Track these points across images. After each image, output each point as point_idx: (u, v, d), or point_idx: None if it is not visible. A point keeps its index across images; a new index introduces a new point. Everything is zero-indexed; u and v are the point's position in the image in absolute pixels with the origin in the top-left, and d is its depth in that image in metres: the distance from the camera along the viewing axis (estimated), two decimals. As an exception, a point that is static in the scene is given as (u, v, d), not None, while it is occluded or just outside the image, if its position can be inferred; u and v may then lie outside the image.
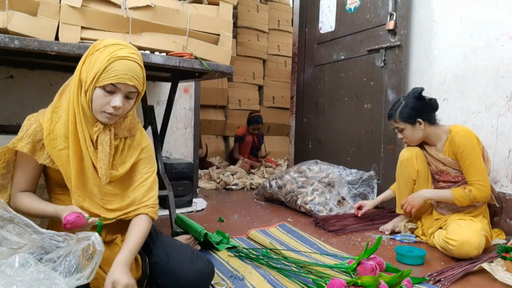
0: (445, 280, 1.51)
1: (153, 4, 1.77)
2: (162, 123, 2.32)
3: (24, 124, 1.19)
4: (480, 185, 1.86)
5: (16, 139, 1.16)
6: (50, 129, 1.17)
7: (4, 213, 1.02)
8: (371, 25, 2.94)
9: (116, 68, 1.12)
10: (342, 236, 2.14)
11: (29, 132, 1.17)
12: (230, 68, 2.01)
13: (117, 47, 1.15)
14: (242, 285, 1.40)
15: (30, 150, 1.16)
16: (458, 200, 1.88)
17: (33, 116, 1.20)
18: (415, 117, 1.96)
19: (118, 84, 1.13)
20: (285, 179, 2.84)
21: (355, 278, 1.25)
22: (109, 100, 1.14)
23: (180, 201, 2.54)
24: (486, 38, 2.28)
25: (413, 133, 1.99)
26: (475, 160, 1.87)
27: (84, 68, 1.16)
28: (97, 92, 1.14)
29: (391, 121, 2.06)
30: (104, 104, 1.14)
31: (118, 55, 1.13)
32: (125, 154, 1.27)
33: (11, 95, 2.33)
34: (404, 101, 2.00)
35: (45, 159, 1.18)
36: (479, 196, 1.86)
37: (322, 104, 3.48)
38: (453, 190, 1.91)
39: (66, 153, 1.17)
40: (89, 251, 0.95)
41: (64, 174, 1.18)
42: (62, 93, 1.22)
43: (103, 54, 1.13)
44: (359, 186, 2.81)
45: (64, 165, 1.17)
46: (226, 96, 5.13)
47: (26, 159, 1.19)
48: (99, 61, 1.13)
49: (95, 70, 1.12)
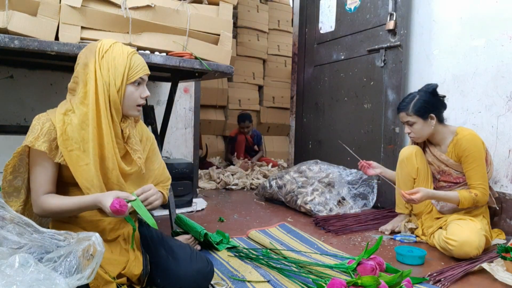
0: (445, 280, 1.51)
1: (153, 4, 1.77)
2: (162, 123, 2.32)
3: (36, 124, 1.17)
4: (484, 189, 1.88)
5: (32, 138, 1.14)
6: (63, 130, 1.17)
7: (4, 213, 1.02)
8: (371, 25, 2.94)
9: (137, 62, 1.22)
10: (342, 236, 2.14)
11: (44, 131, 1.16)
12: (230, 68, 2.01)
13: (120, 45, 1.23)
14: (242, 285, 1.40)
15: (48, 148, 1.15)
16: (464, 202, 1.87)
17: (43, 116, 1.19)
18: (428, 111, 1.94)
19: (144, 75, 1.24)
20: (285, 179, 2.84)
21: (355, 278, 1.25)
22: (139, 93, 1.25)
23: (180, 201, 2.54)
24: (486, 38, 2.28)
25: (423, 128, 1.96)
26: (480, 165, 1.88)
27: (103, 71, 1.18)
28: (129, 88, 1.22)
29: (401, 114, 1.99)
30: (136, 97, 1.24)
31: (129, 51, 1.22)
32: None
33: (11, 95, 2.33)
34: (418, 95, 1.97)
35: (60, 157, 1.17)
36: (482, 200, 1.89)
37: (322, 104, 3.48)
38: (461, 192, 1.88)
39: (76, 155, 1.17)
40: (89, 251, 0.95)
41: (74, 173, 1.17)
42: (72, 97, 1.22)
43: (117, 53, 1.20)
44: (359, 186, 2.82)
45: (74, 165, 1.18)
46: (226, 96, 5.13)
47: (44, 159, 1.17)
48: (118, 60, 1.19)
49: (121, 69, 1.19)
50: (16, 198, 1.21)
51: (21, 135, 1.47)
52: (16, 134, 1.96)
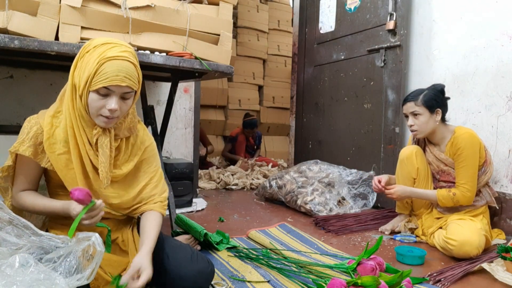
0: (445, 280, 1.51)
1: (153, 4, 1.77)
2: (162, 123, 2.32)
3: (25, 127, 1.17)
4: (465, 189, 1.88)
5: (17, 142, 1.16)
6: (50, 133, 1.16)
7: (3, 215, 1.02)
8: (371, 25, 2.94)
9: (107, 70, 1.08)
10: (342, 236, 2.14)
11: (30, 135, 1.16)
12: (230, 68, 2.01)
13: (106, 47, 1.11)
14: (242, 285, 1.40)
15: (33, 153, 1.15)
16: (441, 201, 1.93)
17: (33, 118, 1.19)
18: (436, 106, 1.96)
19: (110, 86, 1.09)
20: (285, 179, 2.84)
21: (355, 278, 1.25)
22: (104, 103, 1.11)
23: (180, 201, 2.54)
24: (486, 38, 2.28)
25: (428, 122, 1.96)
26: (470, 164, 1.88)
27: (76, 72, 1.13)
28: (92, 96, 1.11)
29: (409, 104, 1.99)
30: (99, 107, 1.12)
31: (107, 55, 1.09)
32: (128, 153, 1.27)
33: (11, 95, 2.33)
34: (427, 90, 2.00)
35: (46, 162, 1.17)
36: (462, 200, 1.90)
37: (322, 104, 3.48)
38: (439, 191, 1.94)
39: (65, 158, 1.17)
40: (89, 251, 0.95)
41: (62, 178, 1.17)
42: (62, 97, 1.21)
43: (93, 56, 1.10)
44: (359, 186, 2.82)
45: (62, 169, 1.17)
46: (226, 96, 5.13)
47: (27, 162, 1.18)
48: (89, 64, 1.09)
49: (86, 74, 1.09)
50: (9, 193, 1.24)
51: (21, 135, 1.47)
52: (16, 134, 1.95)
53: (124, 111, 1.18)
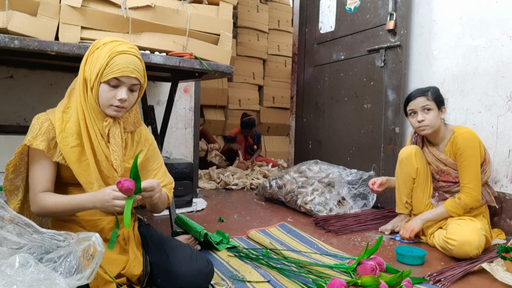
0: (445, 280, 1.51)
1: (153, 4, 1.77)
2: (162, 123, 2.32)
3: (35, 123, 1.21)
4: (470, 189, 1.87)
5: (31, 137, 1.18)
6: (62, 128, 1.20)
7: (4, 213, 1.02)
8: (371, 25, 2.94)
9: (118, 62, 1.17)
10: (342, 236, 2.14)
11: (42, 130, 1.19)
12: (230, 68, 2.01)
13: (116, 44, 1.20)
14: (242, 285, 1.40)
15: (46, 147, 1.18)
16: (453, 212, 1.90)
17: (42, 115, 1.23)
18: (442, 103, 1.99)
19: (121, 77, 1.18)
20: (285, 179, 2.84)
21: (355, 278, 1.25)
22: (114, 94, 1.19)
23: (180, 201, 2.54)
24: (486, 38, 2.28)
25: (437, 118, 1.96)
26: (472, 163, 1.88)
27: (87, 67, 1.20)
28: (102, 87, 1.19)
29: (420, 99, 1.95)
30: (110, 98, 1.19)
31: (117, 50, 1.18)
32: (134, 149, 1.33)
33: (11, 95, 2.33)
34: (431, 87, 2.01)
35: (58, 156, 1.20)
36: (469, 202, 1.88)
37: (322, 104, 3.48)
38: (445, 204, 1.93)
39: (78, 150, 1.21)
40: (89, 251, 0.95)
41: (75, 171, 1.21)
42: (71, 94, 1.26)
43: (103, 51, 1.18)
44: (359, 186, 2.82)
45: (75, 162, 1.20)
46: (226, 96, 5.13)
47: (42, 158, 1.20)
48: (100, 57, 1.17)
49: (98, 66, 1.17)
50: (16, 197, 1.25)
51: (21, 135, 1.48)
52: (16, 134, 1.96)
53: (132, 102, 1.26)
